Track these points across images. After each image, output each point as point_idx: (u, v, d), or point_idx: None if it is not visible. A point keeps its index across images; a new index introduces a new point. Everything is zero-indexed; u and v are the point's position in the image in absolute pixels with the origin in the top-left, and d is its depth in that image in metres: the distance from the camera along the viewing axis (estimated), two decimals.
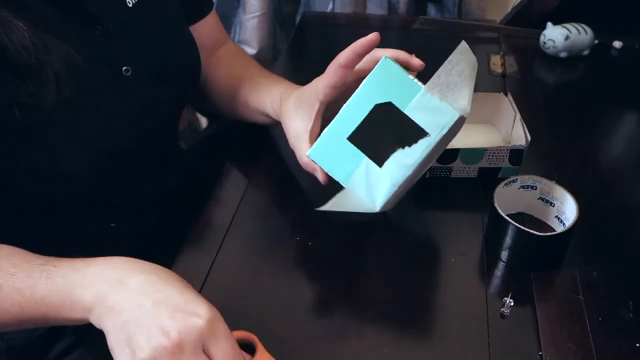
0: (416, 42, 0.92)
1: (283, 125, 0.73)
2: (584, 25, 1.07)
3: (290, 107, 0.71)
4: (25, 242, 0.68)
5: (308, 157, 0.67)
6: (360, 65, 0.66)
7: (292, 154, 0.81)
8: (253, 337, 0.54)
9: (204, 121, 1.19)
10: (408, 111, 0.61)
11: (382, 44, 0.65)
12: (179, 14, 0.76)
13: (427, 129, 0.61)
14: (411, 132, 0.61)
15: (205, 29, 0.83)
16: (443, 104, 0.60)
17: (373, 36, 0.63)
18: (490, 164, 0.76)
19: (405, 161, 0.62)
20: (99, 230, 0.70)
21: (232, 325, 0.60)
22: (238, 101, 0.82)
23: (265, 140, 0.86)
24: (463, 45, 0.63)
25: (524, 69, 1.07)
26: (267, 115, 0.78)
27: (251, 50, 1.51)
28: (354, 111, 0.63)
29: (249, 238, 0.71)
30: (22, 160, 0.59)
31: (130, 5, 0.66)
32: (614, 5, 1.12)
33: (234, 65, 0.85)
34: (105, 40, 0.63)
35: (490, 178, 0.76)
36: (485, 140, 0.84)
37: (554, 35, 1.05)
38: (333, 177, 0.66)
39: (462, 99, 0.61)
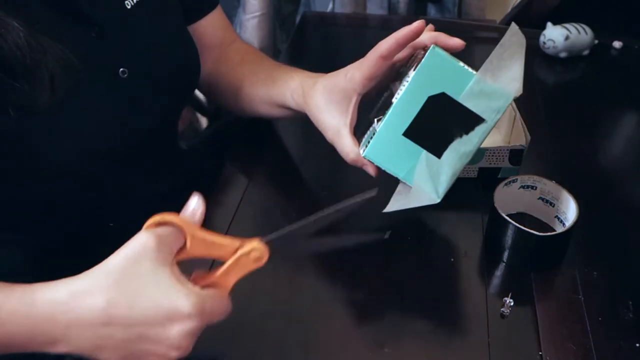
0: None
1: (312, 118, 0.70)
2: (584, 25, 1.07)
3: (319, 99, 0.68)
4: (25, 242, 0.68)
5: (355, 154, 0.65)
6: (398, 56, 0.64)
7: (292, 153, 0.81)
8: (176, 222, 0.51)
9: (204, 121, 1.19)
10: (462, 99, 0.59)
11: None
12: (179, 16, 0.76)
13: (483, 115, 0.60)
14: (467, 120, 0.60)
15: (209, 27, 0.82)
16: (497, 88, 0.59)
17: (419, 24, 0.60)
18: (490, 164, 0.76)
19: (463, 149, 0.61)
20: (98, 231, 0.70)
21: (233, 327, 0.60)
22: (251, 97, 0.80)
23: (266, 140, 0.86)
24: (513, 27, 0.61)
25: (524, 69, 1.07)
26: (287, 107, 0.76)
27: None
28: (407, 106, 0.61)
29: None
30: (19, 161, 0.59)
31: (129, 7, 0.66)
32: (614, 5, 1.12)
33: (244, 63, 0.84)
34: (101, 41, 0.62)
35: (490, 178, 0.76)
36: (485, 140, 0.84)
37: (554, 35, 1.05)
38: (393, 174, 0.64)
39: (515, 81, 0.60)
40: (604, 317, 0.60)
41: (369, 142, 0.64)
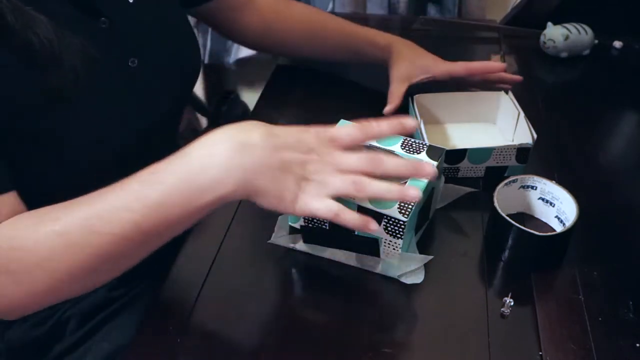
0: (416, 42, 0.92)
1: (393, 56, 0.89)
2: (584, 25, 1.07)
3: (406, 51, 0.89)
4: None
5: (391, 106, 0.84)
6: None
7: None
8: None
9: (204, 121, 1.19)
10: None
11: None
12: (180, 12, 0.77)
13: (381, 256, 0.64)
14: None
15: None
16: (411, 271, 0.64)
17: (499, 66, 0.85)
18: (497, 162, 0.76)
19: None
20: None
21: (232, 327, 0.60)
22: (325, 38, 0.91)
23: None
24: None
25: (524, 69, 1.07)
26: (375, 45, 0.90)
27: (251, 50, 1.51)
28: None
29: (249, 238, 0.71)
30: (28, 156, 0.59)
31: (131, 1, 0.67)
32: (614, 5, 1.12)
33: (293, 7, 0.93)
34: (111, 32, 0.64)
35: (497, 177, 0.75)
36: (487, 138, 0.84)
37: (554, 35, 1.05)
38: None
39: (419, 278, 0.65)
40: (604, 317, 0.60)
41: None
